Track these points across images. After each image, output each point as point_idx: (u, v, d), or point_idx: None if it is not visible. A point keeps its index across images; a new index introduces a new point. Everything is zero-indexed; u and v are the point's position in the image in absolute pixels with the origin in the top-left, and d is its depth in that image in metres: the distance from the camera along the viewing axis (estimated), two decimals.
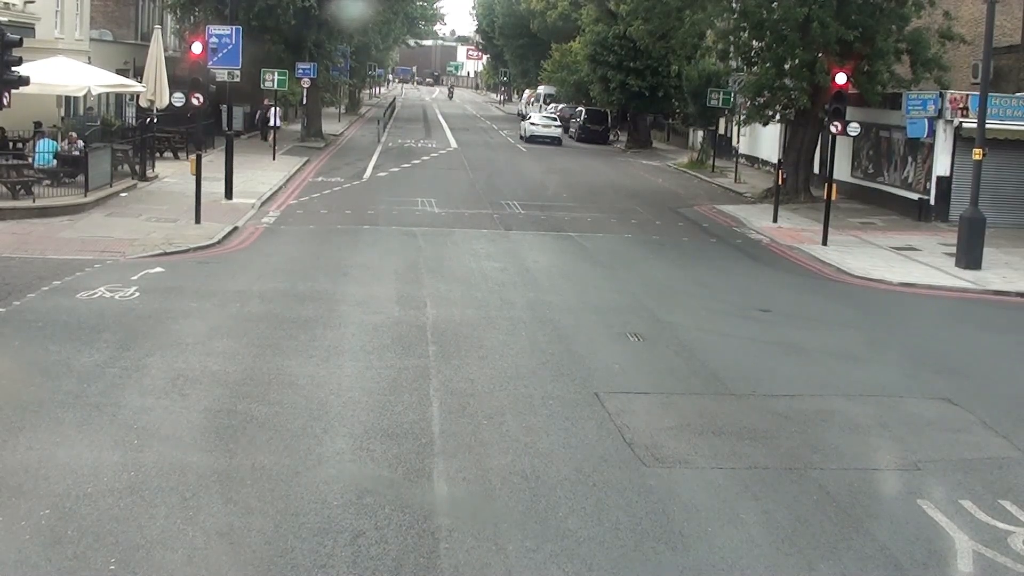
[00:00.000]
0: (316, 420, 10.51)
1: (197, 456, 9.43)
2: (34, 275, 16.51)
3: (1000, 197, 26.98)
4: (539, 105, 74.23)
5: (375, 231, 23.64)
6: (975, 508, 9.00)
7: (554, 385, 12.06)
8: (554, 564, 7.66)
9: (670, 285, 19.30)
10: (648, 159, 48.89)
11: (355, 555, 7.63)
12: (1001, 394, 12.73)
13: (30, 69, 21.00)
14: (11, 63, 18.93)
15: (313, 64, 42.49)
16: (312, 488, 8.80)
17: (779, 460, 10.03)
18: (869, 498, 9.26)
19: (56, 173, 24.42)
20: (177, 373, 11.81)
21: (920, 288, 19.62)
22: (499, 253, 21.44)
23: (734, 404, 11.80)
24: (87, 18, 36.42)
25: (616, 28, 48.82)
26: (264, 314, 14.92)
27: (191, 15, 41.98)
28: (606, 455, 9.88)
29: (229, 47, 25.85)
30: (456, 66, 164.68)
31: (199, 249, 20.01)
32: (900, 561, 7.98)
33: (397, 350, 13.29)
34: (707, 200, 33.22)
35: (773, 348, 14.66)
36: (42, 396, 10.85)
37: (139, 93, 31.18)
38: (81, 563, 7.36)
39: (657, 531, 8.30)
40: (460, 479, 9.24)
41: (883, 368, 13.76)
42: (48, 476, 8.77)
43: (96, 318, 14.12)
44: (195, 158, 22.43)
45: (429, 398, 11.37)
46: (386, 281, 17.98)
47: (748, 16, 30.55)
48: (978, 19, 28.94)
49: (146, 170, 29.06)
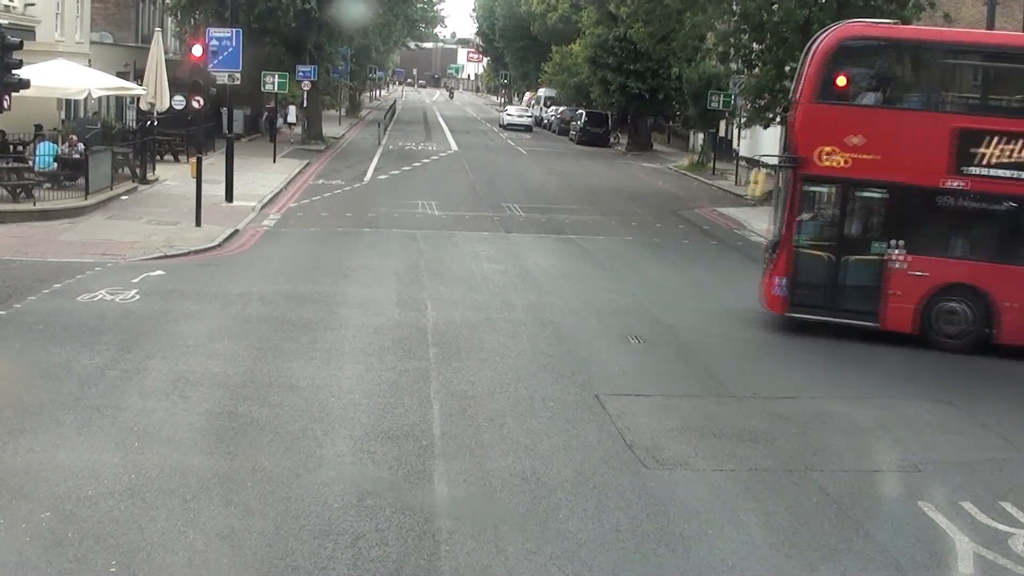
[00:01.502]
0: (317, 422, 10.51)
1: (198, 458, 9.43)
2: (35, 278, 16.52)
3: None
4: (540, 108, 74.56)
5: (376, 233, 23.65)
6: (975, 510, 9.00)
7: (555, 387, 12.07)
8: (555, 566, 7.66)
9: (670, 287, 19.30)
10: (648, 161, 48.89)
11: (356, 557, 7.63)
12: (1002, 395, 12.74)
13: (30, 72, 21.00)
14: (11, 66, 18.92)
15: (313, 66, 42.49)
16: (313, 490, 8.80)
17: (779, 462, 10.03)
18: (869, 500, 9.27)
19: (56, 176, 24.41)
20: (178, 375, 11.81)
21: None
22: (500, 255, 21.44)
23: (734, 406, 11.80)
24: (87, 21, 36.42)
25: (616, 30, 48.83)
26: (265, 316, 14.93)
27: (191, 18, 41.98)
28: (607, 457, 9.89)
29: (229, 50, 25.84)
30: (457, 68, 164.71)
31: (200, 252, 20.00)
32: (901, 563, 7.99)
33: (398, 352, 13.29)
34: (708, 202, 33.22)
35: (773, 350, 14.66)
36: (43, 398, 10.85)
37: (139, 96, 31.16)
38: (82, 565, 7.37)
39: (658, 533, 8.30)
40: (461, 481, 9.24)
41: (883, 369, 13.76)
42: (49, 478, 8.77)
43: (97, 320, 14.13)
44: (195, 161, 22.42)
45: (430, 400, 11.38)
46: (387, 283, 17.98)
47: (748, 18, 30.55)
48: (978, 21, 28.95)
49: (147, 173, 29.06)
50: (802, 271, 15.29)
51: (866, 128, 14.91)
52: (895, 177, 14.66)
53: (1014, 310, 14.54)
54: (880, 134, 14.84)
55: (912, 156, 14.69)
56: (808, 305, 15.31)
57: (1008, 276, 14.55)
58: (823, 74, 15.16)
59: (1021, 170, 14.33)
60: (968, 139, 14.47)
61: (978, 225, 15.04)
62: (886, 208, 15.11)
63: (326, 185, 32.52)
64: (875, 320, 14.97)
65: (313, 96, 45.51)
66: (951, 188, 14.57)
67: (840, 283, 15.24)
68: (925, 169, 14.58)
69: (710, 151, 44.14)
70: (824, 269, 15.25)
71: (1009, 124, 14.50)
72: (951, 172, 14.52)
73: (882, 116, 15.16)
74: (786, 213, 15.30)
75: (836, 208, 15.46)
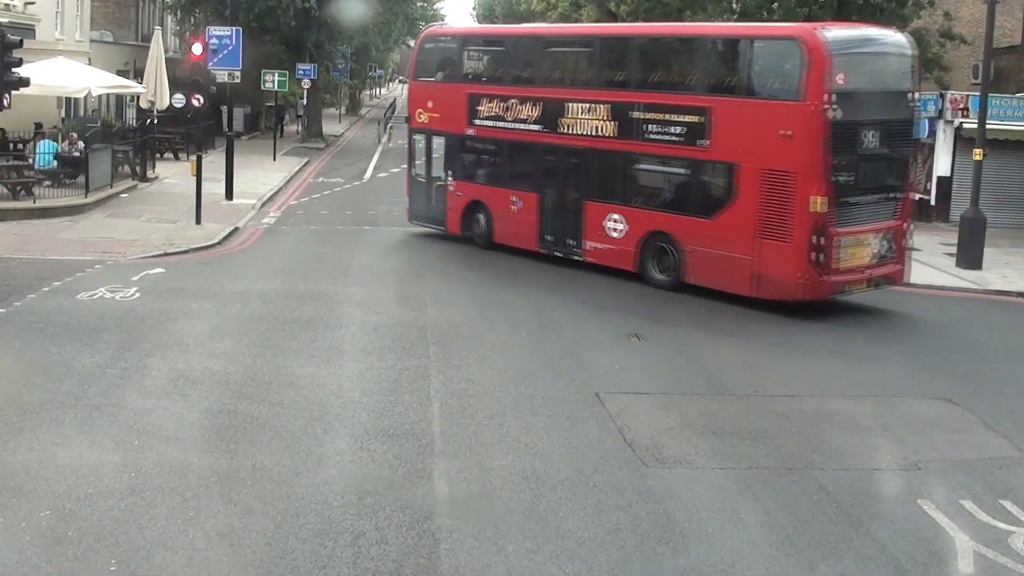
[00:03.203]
0: (317, 421, 10.51)
1: (198, 457, 9.43)
2: (35, 276, 16.52)
3: (1000, 197, 26.94)
4: None
5: (376, 232, 23.66)
6: (976, 508, 8.99)
7: (555, 385, 12.06)
8: (555, 565, 7.66)
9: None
10: None
11: (356, 556, 7.63)
12: (1002, 394, 12.72)
13: (30, 70, 21.02)
14: (11, 64, 18.94)
15: (313, 65, 42.51)
16: (313, 489, 8.80)
17: (780, 460, 10.02)
18: (870, 498, 9.26)
19: (57, 174, 24.43)
20: (178, 374, 11.81)
21: (920, 288, 19.57)
22: (500, 252, 21.39)
23: (735, 404, 11.80)
24: (87, 19, 36.42)
25: None
26: (265, 315, 14.93)
27: (191, 16, 42.03)
28: (607, 455, 9.88)
29: (229, 48, 25.86)
30: None
31: (200, 250, 20.01)
32: (900, 561, 7.98)
33: (398, 350, 13.29)
34: None
35: (774, 348, 14.66)
36: (43, 397, 10.85)
37: (139, 94, 31.18)
38: (81, 564, 7.37)
39: (658, 531, 8.30)
40: (461, 480, 9.24)
41: (884, 368, 13.75)
42: (48, 477, 8.77)
43: (97, 319, 14.13)
44: (195, 159, 22.44)
45: (430, 398, 11.37)
46: (387, 281, 17.99)
47: (748, 17, 30.51)
48: (978, 19, 28.92)
49: (147, 171, 29.08)
50: (414, 194, 22.91)
51: (435, 96, 22.04)
52: (445, 128, 21.56)
53: (501, 219, 20.71)
54: (440, 100, 21.83)
55: (453, 113, 21.29)
56: (419, 218, 22.83)
57: (497, 195, 20.77)
58: (417, 60, 23.43)
59: (498, 121, 20.41)
60: (474, 101, 20.91)
61: (486, 159, 21.33)
62: (444, 149, 21.73)
63: (326, 183, 32.53)
64: (443, 227, 21.94)
65: (313, 95, 45.50)
66: (469, 135, 21.07)
67: (429, 201, 22.31)
68: (458, 122, 21.21)
69: None
70: (422, 192, 22.56)
71: (492, 90, 20.77)
72: (468, 124, 20.98)
73: (440, 88, 22.07)
74: (408, 155, 23.19)
75: (425, 150, 22.36)
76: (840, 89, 15.64)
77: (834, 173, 15.84)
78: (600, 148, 18.69)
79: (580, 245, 19.25)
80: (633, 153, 18.24)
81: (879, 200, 16.77)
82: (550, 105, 19.44)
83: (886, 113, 16.72)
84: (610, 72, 19.12)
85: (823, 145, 15.66)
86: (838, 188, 15.90)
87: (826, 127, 15.60)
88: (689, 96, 17.43)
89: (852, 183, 16.25)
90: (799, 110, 15.74)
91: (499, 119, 20.32)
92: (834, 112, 15.57)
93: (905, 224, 17.19)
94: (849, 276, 16.34)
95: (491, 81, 21.28)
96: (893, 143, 16.84)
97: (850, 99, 15.83)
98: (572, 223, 19.36)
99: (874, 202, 16.68)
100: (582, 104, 18.92)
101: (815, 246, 15.68)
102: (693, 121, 17.16)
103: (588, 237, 19.08)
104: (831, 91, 15.53)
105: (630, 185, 18.55)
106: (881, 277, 16.93)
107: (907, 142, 17.33)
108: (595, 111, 18.70)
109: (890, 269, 17.02)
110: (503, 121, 20.27)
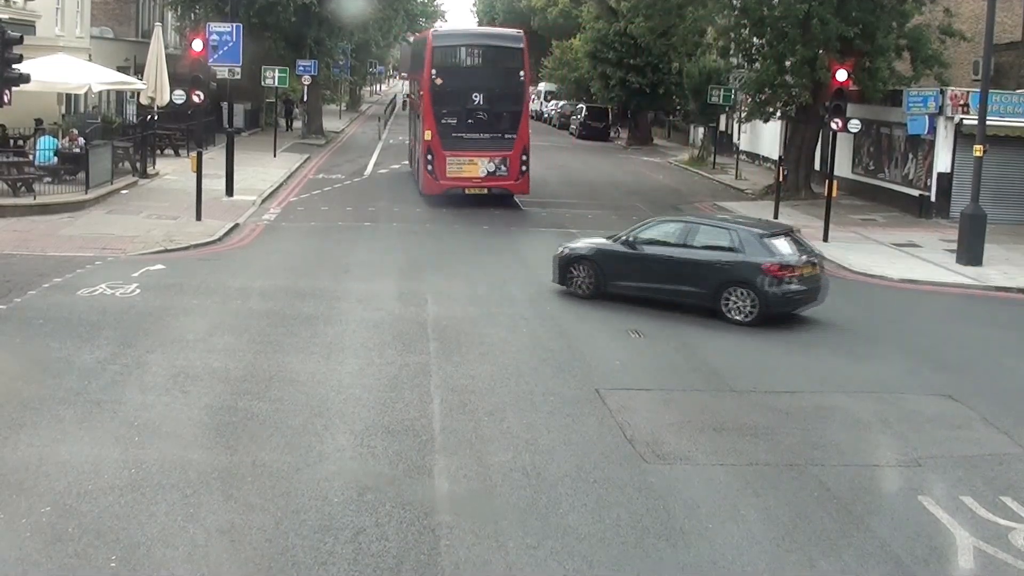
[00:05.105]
0: (317, 417, 10.51)
1: (198, 453, 9.44)
2: (35, 272, 16.52)
3: (1001, 193, 26.97)
4: (540, 102, 74.55)
5: (376, 228, 23.65)
6: (976, 504, 9.00)
7: (555, 381, 12.07)
8: (555, 561, 7.66)
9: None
10: (649, 156, 48.86)
11: (356, 552, 7.63)
12: (1002, 390, 12.73)
13: (31, 67, 20.97)
14: (12, 60, 18.91)
15: (314, 61, 42.45)
16: (313, 485, 8.80)
17: (780, 456, 10.03)
18: (870, 494, 9.27)
19: (57, 170, 24.41)
20: (178, 370, 11.81)
21: (921, 284, 19.62)
22: (500, 249, 21.44)
23: (735, 400, 11.80)
24: (88, 16, 36.41)
25: (617, 25, 48.76)
26: (265, 311, 14.92)
27: (192, 12, 41.98)
28: (607, 452, 9.89)
29: (230, 44, 25.86)
30: None
31: (200, 246, 20.01)
32: (901, 557, 7.98)
33: (398, 347, 13.29)
34: (708, 197, 33.20)
35: (774, 344, 14.66)
36: (43, 393, 10.85)
37: (140, 90, 31.15)
38: (82, 560, 7.37)
39: (658, 527, 8.30)
40: (461, 476, 9.24)
41: (884, 364, 13.76)
42: (49, 473, 8.78)
43: (97, 315, 14.13)
44: (196, 155, 22.41)
45: (430, 395, 11.38)
46: (387, 278, 17.98)
47: (749, 13, 30.51)
48: (979, 16, 28.89)
49: (147, 167, 29.05)
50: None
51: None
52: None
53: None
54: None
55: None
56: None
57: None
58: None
59: None
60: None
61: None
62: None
63: (326, 179, 32.51)
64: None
65: (313, 91, 45.47)
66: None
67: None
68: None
69: (710, 146, 44.12)
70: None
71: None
72: None
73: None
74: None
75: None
76: (440, 65, 26.38)
77: (442, 118, 26.12)
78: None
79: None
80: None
81: (488, 138, 26.26)
82: None
83: (490, 84, 26.49)
84: None
85: (431, 100, 26.29)
86: (445, 127, 26.10)
87: (434, 89, 26.22)
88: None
89: (455, 124, 26.19)
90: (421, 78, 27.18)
91: None
92: (437, 80, 26.20)
93: (517, 155, 26.46)
94: (461, 183, 26.29)
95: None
96: (498, 103, 26.51)
97: (449, 72, 26.42)
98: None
99: (482, 139, 26.23)
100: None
101: (428, 161, 26.44)
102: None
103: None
104: (434, 68, 26.32)
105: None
106: (495, 187, 26.57)
107: (515, 104, 26.79)
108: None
109: (504, 182, 26.58)
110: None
